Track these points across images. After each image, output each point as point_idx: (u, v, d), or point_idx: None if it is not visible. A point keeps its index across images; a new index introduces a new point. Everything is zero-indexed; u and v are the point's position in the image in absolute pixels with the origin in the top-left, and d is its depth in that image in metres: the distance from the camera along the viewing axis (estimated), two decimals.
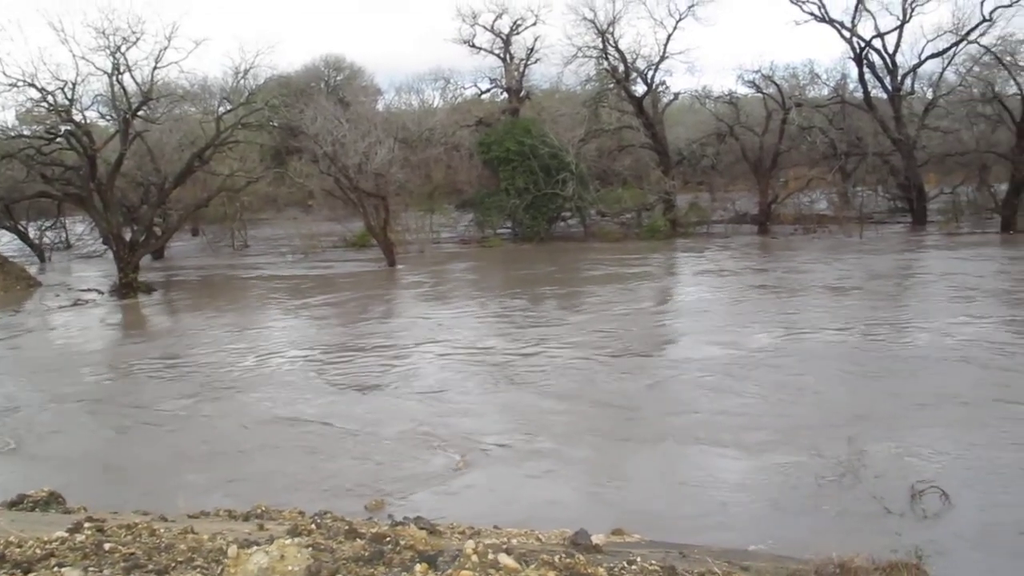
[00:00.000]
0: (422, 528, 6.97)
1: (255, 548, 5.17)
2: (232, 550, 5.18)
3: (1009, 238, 40.47)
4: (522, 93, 54.31)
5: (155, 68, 34.10)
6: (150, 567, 5.27)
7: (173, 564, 5.33)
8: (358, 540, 5.88)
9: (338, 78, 65.30)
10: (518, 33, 53.61)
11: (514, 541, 7.65)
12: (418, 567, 5.11)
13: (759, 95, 48.66)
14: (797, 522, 10.31)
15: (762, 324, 22.14)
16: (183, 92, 42.88)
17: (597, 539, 8.50)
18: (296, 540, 5.48)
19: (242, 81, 41.80)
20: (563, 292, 28.96)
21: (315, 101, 43.18)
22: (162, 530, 6.30)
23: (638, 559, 6.08)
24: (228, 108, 40.78)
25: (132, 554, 5.50)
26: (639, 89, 48.13)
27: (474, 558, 5.18)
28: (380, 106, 62.26)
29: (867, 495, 10.84)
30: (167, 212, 40.48)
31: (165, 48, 33.71)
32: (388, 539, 5.80)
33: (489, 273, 36.14)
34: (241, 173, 39.21)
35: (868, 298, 25.80)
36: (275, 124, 47.08)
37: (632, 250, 40.34)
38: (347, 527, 6.42)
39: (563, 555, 5.56)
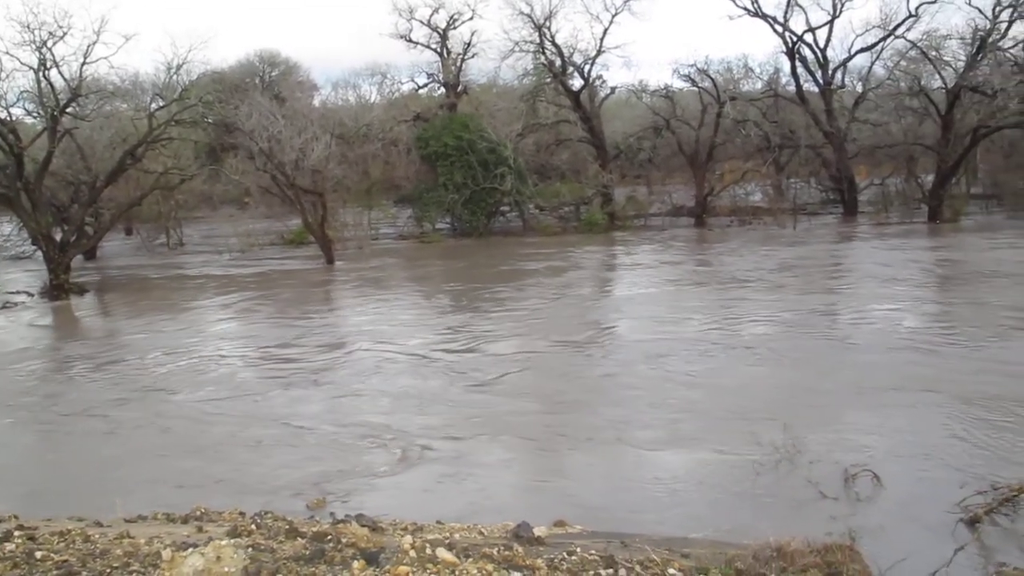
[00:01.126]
0: (364, 525, 6.96)
1: (190, 550, 5.12)
2: (167, 553, 5.13)
3: (935, 228, 41.73)
4: (459, 88, 54.24)
5: (83, 63, 33.44)
6: (84, 574, 5.21)
7: (108, 570, 5.26)
8: (299, 539, 5.87)
9: (273, 73, 64.57)
10: (455, 28, 53.61)
11: (457, 536, 7.67)
12: (356, 564, 5.13)
13: (694, 89, 49.29)
14: (736, 509, 10.51)
15: (695, 315, 22.45)
16: (113, 88, 42.00)
17: (539, 531, 8.57)
18: (233, 541, 5.45)
19: (175, 77, 41.15)
20: (500, 287, 29.00)
21: (250, 97, 42.54)
22: (97, 536, 6.20)
23: (578, 549, 6.18)
24: (161, 104, 40.14)
25: (65, 561, 5.41)
26: (576, 83, 48.43)
27: (412, 553, 5.21)
28: (316, 102, 61.83)
29: (803, 480, 11.12)
30: (99, 211, 39.62)
31: (94, 43, 33.08)
32: (329, 537, 5.80)
33: (428, 269, 36.07)
34: (175, 171, 38.53)
35: (800, 287, 26.36)
36: (209, 120, 46.42)
37: (570, 244, 40.64)
38: (288, 526, 6.40)
39: (502, 547, 5.62)
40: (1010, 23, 43.37)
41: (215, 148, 50.19)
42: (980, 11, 43.66)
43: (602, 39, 47.50)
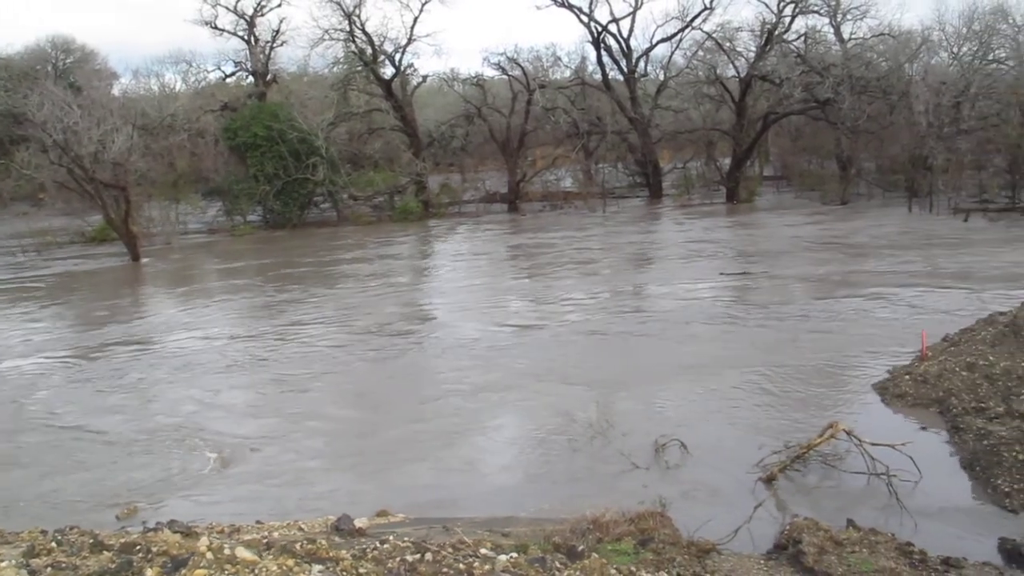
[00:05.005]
0: (177, 532, 6.81)
1: None
2: None
3: (733, 207, 44.45)
4: (269, 76, 53.01)
5: None
6: None
7: None
8: (105, 553, 5.65)
9: (67, 61, 61.04)
10: (263, 14, 52.25)
11: (276, 534, 7.62)
12: (149, 572, 5.01)
13: (505, 77, 50.10)
14: (556, 486, 10.90)
15: (509, 299, 23.06)
16: None
17: (361, 523, 8.61)
18: (17, 562, 5.21)
19: None
20: (314, 278, 28.64)
21: (41, 85, 40.04)
22: None
23: (391, 537, 6.21)
24: None
25: None
26: (387, 72, 48.32)
27: (209, 555, 5.13)
28: (116, 91, 58.66)
29: (616, 453, 11.67)
30: None
31: None
32: (138, 547, 5.62)
33: (239, 263, 35.02)
34: None
35: (610, 268, 27.42)
36: None
37: (384, 233, 40.64)
38: (92, 541, 6.14)
39: (305, 542, 5.64)
40: (793, 17, 46.86)
41: (3, 141, 47.07)
42: (767, 5, 46.76)
43: (412, 27, 47.63)
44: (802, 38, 47.33)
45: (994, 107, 40.97)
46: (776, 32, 46.20)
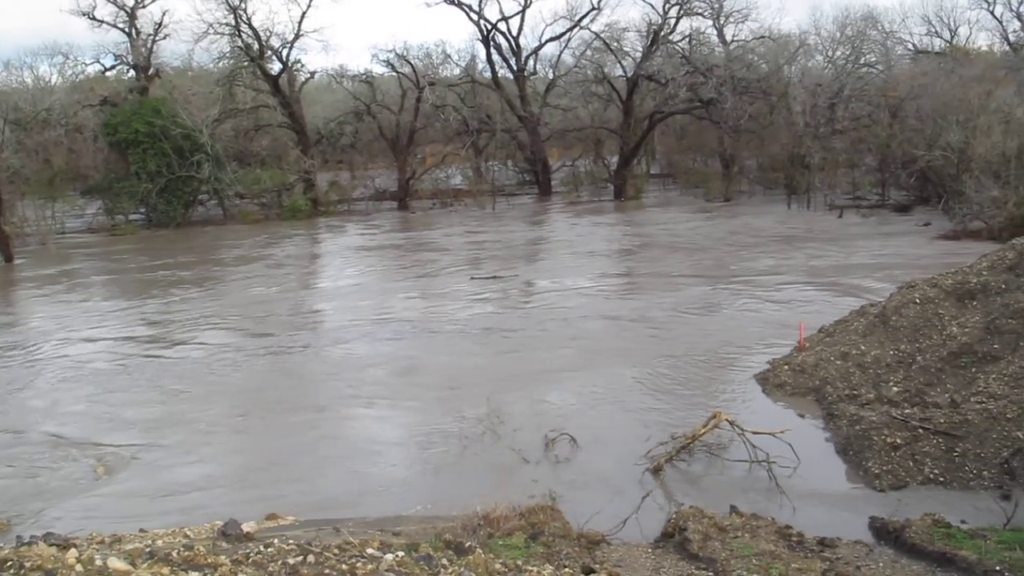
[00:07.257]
0: (53, 545, 6.58)
1: None
2: None
3: (620, 205, 45.28)
4: (151, 71, 51.26)
5: None
6: None
7: None
8: None
9: None
10: (144, 6, 50.35)
11: (160, 542, 7.40)
12: None
13: (394, 74, 49.75)
14: (448, 483, 10.98)
15: (397, 298, 22.99)
16: None
17: (249, 527, 8.48)
18: None
19: None
20: (195, 279, 27.93)
21: None
22: None
23: (275, 541, 6.14)
24: None
25: None
26: (274, 67, 47.24)
27: (78, 568, 4.97)
28: None
29: (507, 449, 11.80)
30: None
31: None
32: (10, 563, 5.32)
33: (120, 263, 33.74)
34: None
35: (497, 266, 27.51)
36: None
37: (272, 231, 39.95)
38: None
39: (182, 548, 5.57)
40: (678, 19, 48.03)
41: None
42: (652, 7, 47.81)
43: (300, 22, 46.65)
44: (687, 39, 48.54)
45: (865, 108, 42.78)
46: (662, 33, 47.23)
